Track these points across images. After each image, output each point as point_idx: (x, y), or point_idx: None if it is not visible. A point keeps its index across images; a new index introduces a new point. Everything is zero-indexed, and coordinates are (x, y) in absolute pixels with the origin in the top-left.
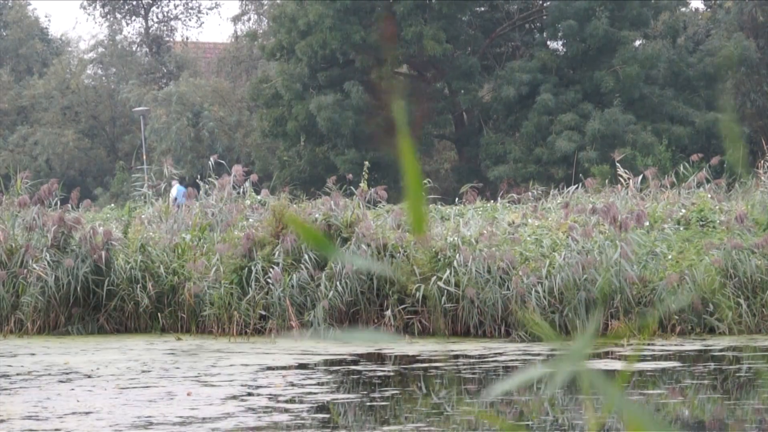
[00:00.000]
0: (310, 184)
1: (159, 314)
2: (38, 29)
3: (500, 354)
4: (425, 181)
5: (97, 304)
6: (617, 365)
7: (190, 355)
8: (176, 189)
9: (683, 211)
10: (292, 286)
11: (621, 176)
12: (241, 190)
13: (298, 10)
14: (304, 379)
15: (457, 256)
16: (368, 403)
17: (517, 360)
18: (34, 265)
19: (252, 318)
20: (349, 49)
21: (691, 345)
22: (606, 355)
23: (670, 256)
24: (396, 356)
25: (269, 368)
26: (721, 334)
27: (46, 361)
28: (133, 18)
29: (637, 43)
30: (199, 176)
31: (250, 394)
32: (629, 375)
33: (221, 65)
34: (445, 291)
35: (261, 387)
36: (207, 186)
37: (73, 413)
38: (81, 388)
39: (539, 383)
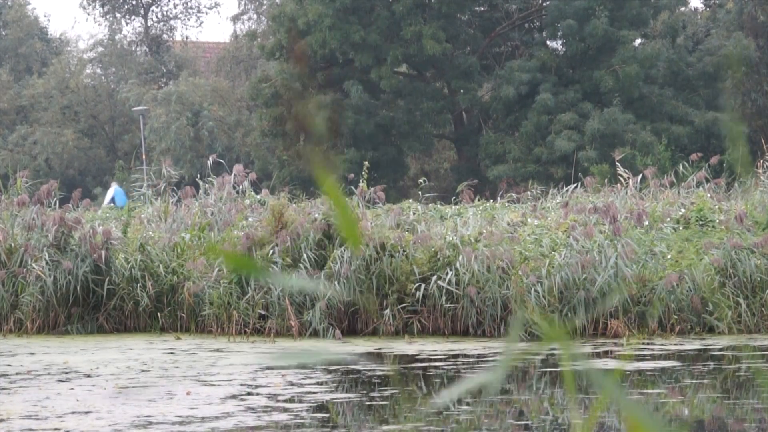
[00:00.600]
0: (309, 183)
1: (158, 314)
2: (37, 29)
3: (499, 353)
4: (422, 180)
5: (97, 303)
6: (615, 364)
7: (199, 354)
8: (113, 190)
9: (682, 210)
10: (291, 285)
11: (621, 176)
12: (240, 189)
13: (297, 9)
14: (303, 379)
15: (460, 257)
16: (367, 403)
17: (516, 359)
18: (34, 265)
19: (251, 317)
20: (349, 48)
21: (691, 344)
22: (605, 354)
23: (669, 256)
24: (395, 356)
25: (268, 368)
26: (720, 334)
27: (46, 361)
28: (133, 17)
29: (637, 42)
30: (198, 176)
31: (249, 394)
32: (621, 374)
33: (220, 65)
34: (444, 290)
35: (260, 386)
36: (206, 185)
37: (73, 412)
38: (80, 387)
39: (487, 388)
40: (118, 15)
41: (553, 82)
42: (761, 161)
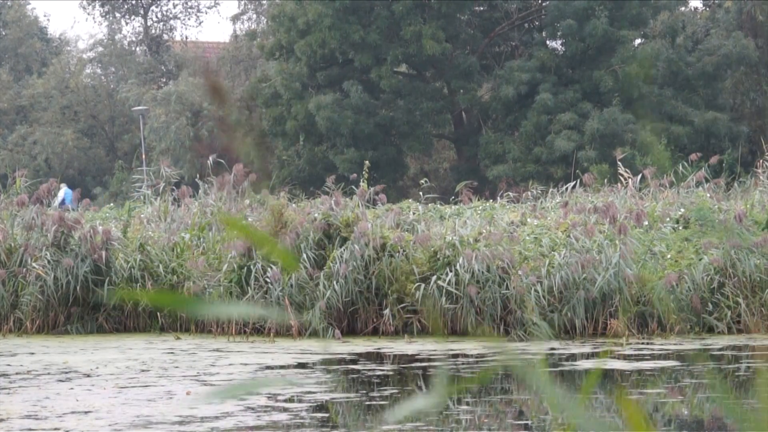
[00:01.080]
0: (309, 183)
1: (158, 313)
2: (37, 28)
3: (499, 353)
4: (423, 180)
5: (97, 303)
6: (617, 364)
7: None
8: (63, 191)
9: (682, 210)
10: (291, 285)
11: (622, 175)
12: (240, 189)
13: (297, 9)
14: (303, 378)
15: (460, 259)
16: (367, 403)
17: (515, 359)
18: (34, 264)
19: (251, 317)
20: (348, 48)
21: (690, 344)
22: (605, 354)
23: (668, 256)
24: (395, 355)
25: (268, 367)
26: (720, 334)
27: (45, 361)
28: (133, 17)
29: (637, 42)
30: (198, 176)
31: (249, 393)
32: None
33: (220, 64)
34: (444, 290)
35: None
36: (206, 185)
37: (73, 412)
38: (80, 387)
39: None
40: (117, 15)
41: (552, 82)
42: (761, 161)
